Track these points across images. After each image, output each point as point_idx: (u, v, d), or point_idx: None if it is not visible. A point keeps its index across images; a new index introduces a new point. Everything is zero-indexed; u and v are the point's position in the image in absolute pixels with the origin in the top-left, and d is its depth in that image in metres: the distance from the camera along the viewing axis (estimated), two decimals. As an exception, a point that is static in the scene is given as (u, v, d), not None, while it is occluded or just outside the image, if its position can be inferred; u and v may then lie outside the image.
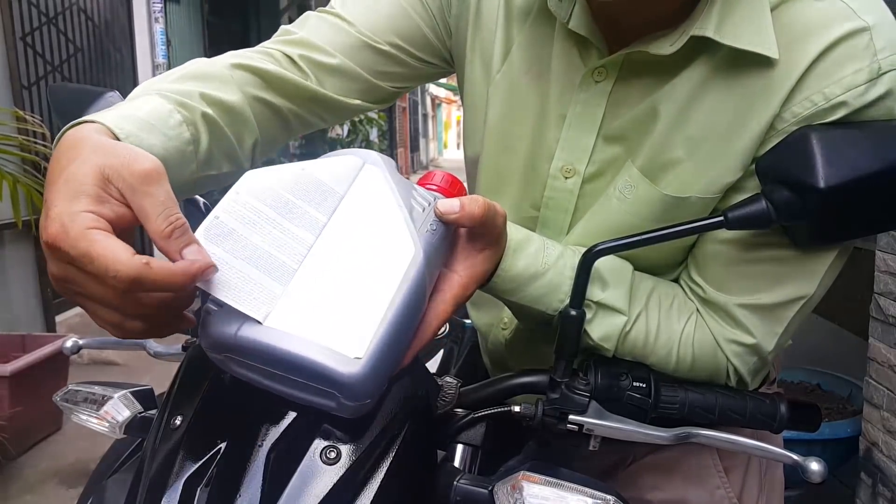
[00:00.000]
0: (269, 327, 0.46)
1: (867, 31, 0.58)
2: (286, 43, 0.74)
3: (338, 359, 0.46)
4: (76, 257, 0.43)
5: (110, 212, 0.45)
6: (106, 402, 0.73)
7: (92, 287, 0.44)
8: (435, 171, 0.63)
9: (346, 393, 0.47)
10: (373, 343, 0.47)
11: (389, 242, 0.52)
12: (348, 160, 0.56)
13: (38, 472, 2.54)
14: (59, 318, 3.80)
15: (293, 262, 0.49)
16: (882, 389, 1.86)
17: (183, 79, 0.65)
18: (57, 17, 3.98)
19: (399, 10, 0.75)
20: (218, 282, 0.45)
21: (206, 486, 0.48)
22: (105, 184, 0.45)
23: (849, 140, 0.58)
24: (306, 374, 0.46)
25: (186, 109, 0.60)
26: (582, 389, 0.64)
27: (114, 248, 0.43)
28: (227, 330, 0.46)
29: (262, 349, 0.46)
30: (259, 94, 0.70)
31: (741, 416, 0.65)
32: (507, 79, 0.74)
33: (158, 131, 0.56)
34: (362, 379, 0.46)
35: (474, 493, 0.57)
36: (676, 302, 0.69)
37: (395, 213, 0.54)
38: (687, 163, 0.65)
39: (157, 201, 0.45)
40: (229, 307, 0.46)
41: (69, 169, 0.46)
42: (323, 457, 0.50)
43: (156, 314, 0.47)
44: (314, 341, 0.46)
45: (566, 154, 0.71)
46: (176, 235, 0.45)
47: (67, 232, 0.43)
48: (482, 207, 0.56)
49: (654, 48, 0.62)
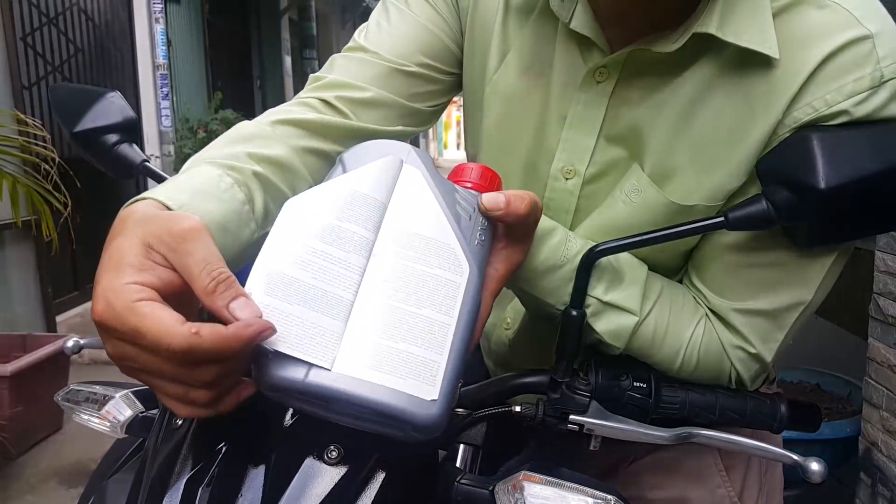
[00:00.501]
0: (338, 373, 0.44)
1: (870, 39, 0.58)
2: (319, 89, 0.74)
3: (414, 403, 0.45)
4: (127, 333, 0.42)
5: (156, 279, 0.44)
6: (107, 401, 0.73)
7: (150, 361, 0.43)
8: (466, 164, 0.61)
9: (423, 432, 0.46)
10: (444, 381, 0.46)
11: (443, 261, 0.50)
12: (386, 163, 0.53)
13: (38, 472, 2.54)
14: (60, 318, 3.80)
15: (348, 293, 0.47)
16: (881, 389, 1.86)
17: (228, 143, 0.65)
18: (57, 17, 3.99)
19: (419, 29, 0.76)
20: (276, 335, 0.43)
21: (207, 487, 0.48)
22: (148, 251, 0.44)
23: (849, 141, 0.58)
24: (381, 418, 0.45)
25: (236, 171, 0.60)
26: (583, 389, 0.64)
27: (162, 319, 0.41)
28: (292, 375, 0.44)
29: (333, 396, 0.44)
30: (304, 144, 0.69)
31: (741, 416, 0.65)
32: (506, 79, 0.73)
33: (212, 196, 0.55)
34: (439, 419, 0.46)
35: (475, 492, 0.57)
36: (687, 304, 0.69)
37: (444, 225, 0.52)
38: (690, 169, 0.65)
39: (199, 258, 0.44)
40: None
41: (112, 245, 0.45)
42: (324, 457, 0.50)
43: (218, 381, 0.44)
44: (387, 386, 0.45)
45: (567, 155, 0.71)
46: (220, 290, 0.43)
47: (113, 308, 0.42)
48: (528, 206, 0.55)
49: (656, 46, 0.62)
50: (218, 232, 0.52)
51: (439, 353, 0.47)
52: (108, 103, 0.83)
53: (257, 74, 7.42)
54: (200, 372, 0.43)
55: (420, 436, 0.46)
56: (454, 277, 0.50)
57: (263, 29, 7.52)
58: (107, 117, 0.82)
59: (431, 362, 0.46)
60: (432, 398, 0.45)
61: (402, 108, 0.75)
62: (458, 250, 0.51)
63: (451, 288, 0.49)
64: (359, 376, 0.44)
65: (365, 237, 0.49)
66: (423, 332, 0.47)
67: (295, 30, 8.57)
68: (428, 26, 0.76)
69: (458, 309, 0.49)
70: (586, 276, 0.62)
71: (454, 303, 0.49)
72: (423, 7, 0.76)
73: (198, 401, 0.44)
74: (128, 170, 0.82)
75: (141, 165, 0.81)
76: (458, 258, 0.51)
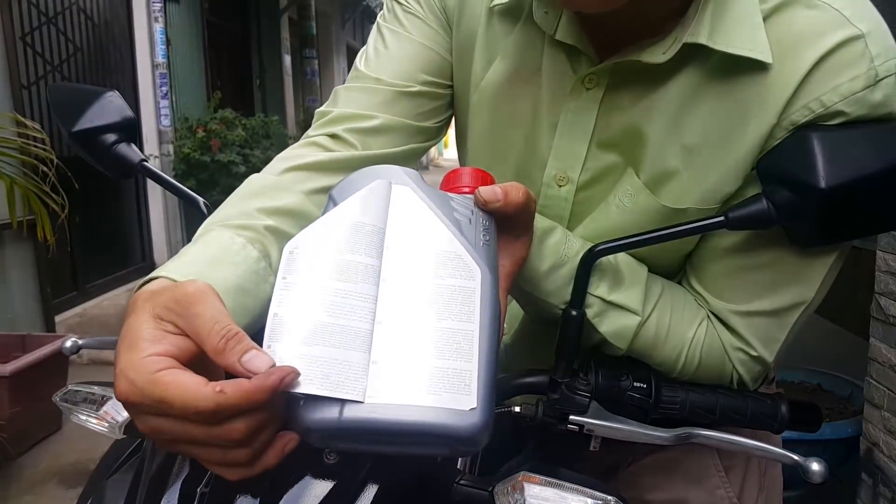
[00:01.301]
0: (372, 403, 0.44)
1: (862, 39, 0.58)
2: (326, 124, 0.74)
3: (454, 416, 0.44)
4: (154, 405, 0.42)
5: (173, 347, 0.44)
6: (105, 402, 0.73)
7: (181, 429, 0.43)
8: (458, 169, 0.61)
9: (469, 444, 0.45)
10: (480, 387, 0.45)
11: (453, 270, 0.50)
12: (374, 188, 0.53)
13: (37, 472, 2.54)
14: (59, 318, 3.80)
15: (365, 323, 0.46)
16: (883, 389, 1.86)
17: (239, 200, 0.65)
18: (57, 16, 3.99)
19: (417, 48, 0.76)
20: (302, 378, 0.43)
21: (205, 487, 0.48)
22: (159, 323, 0.45)
23: (850, 140, 0.58)
24: (425, 439, 0.44)
25: (248, 230, 0.60)
26: (582, 390, 0.64)
27: (185, 384, 0.42)
28: (326, 416, 0.43)
29: (373, 428, 0.43)
30: (314, 186, 0.69)
31: (742, 416, 0.65)
32: (493, 87, 0.73)
33: (225, 262, 0.56)
34: (483, 426, 0.45)
35: (474, 493, 0.57)
36: (688, 305, 0.69)
37: (446, 234, 0.51)
38: (684, 173, 0.65)
39: (205, 319, 0.44)
40: None
41: (125, 326, 0.45)
42: (323, 458, 0.50)
43: (252, 436, 0.44)
44: (423, 404, 0.44)
45: (559, 162, 0.71)
46: (231, 346, 0.43)
47: (135, 383, 0.42)
48: (524, 194, 0.55)
49: (646, 56, 0.62)
50: (237, 295, 0.53)
51: (469, 360, 0.46)
52: (106, 103, 0.83)
53: (257, 74, 7.42)
54: (230, 430, 0.42)
55: (467, 448, 0.45)
56: (467, 283, 0.49)
57: (263, 29, 7.52)
58: (105, 117, 0.82)
59: (463, 372, 0.45)
60: (471, 407, 0.44)
61: (410, 128, 0.76)
62: (466, 256, 0.51)
63: (466, 294, 0.49)
64: (393, 402, 0.44)
65: (370, 265, 0.48)
66: (449, 344, 0.46)
67: (295, 29, 8.57)
68: (424, 44, 0.76)
69: (478, 313, 0.48)
70: (586, 276, 0.62)
71: (473, 308, 0.48)
72: (416, 25, 0.76)
73: (239, 461, 0.44)
74: (126, 169, 0.82)
75: (139, 165, 0.81)
76: (466, 264, 0.50)
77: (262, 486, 0.48)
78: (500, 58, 0.72)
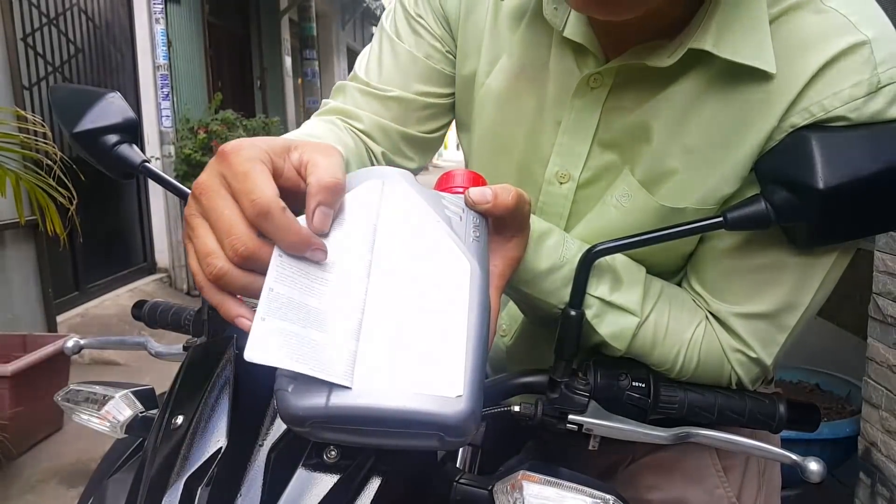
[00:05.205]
0: (359, 389, 0.44)
1: (867, 45, 0.58)
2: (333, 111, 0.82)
3: (440, 402, 0.44)
4: (234, 173, 0.45)
5: (281, 166, 0.48)
6: (107, 401, 0.73)
7: (223, 205, 0.45)
8: (452, 170, 0.61)
9: (455, 432, 0.45)
10: (467, 375, 0.46)
11: (442, 264, 0.50)
12: (368, 186, 0.53)
13: (38, 472, 2.54)
14: (60, 318, 3.81)
15: (356, 311, 0.47)
16: (881, 389, 1.86)
17: None
18: (58, 17, 3.99)
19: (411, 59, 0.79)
20: (291, 355, 0.43)
21: (206, 486, 0.49)
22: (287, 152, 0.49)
23: (848, 141, 0.58)
24: (411, 425, 0.45)
25: None
26: (581, 389, 0.64)
27: (268, 181, 0.45)
28: (313, 402, 0.43)
29: (360, 413, 0.44)
30: None
31: (740, 415, 0.65)
32: (498, 83, 0.73)
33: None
34: (469, 414, 0.45)
35: (474, 492, 0.57)
36: (686, 305, 0.69)
37: (436, 229, 0.52)
38: (683, 173, 0.65)
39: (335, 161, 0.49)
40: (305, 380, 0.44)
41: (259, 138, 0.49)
42: (323, 456, 0.50)
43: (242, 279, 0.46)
44: (410, 391, 0.44)
45: (561, 160, 0.71)
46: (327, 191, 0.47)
47: (241, 152, 0.46)
48: (515, 197, 0.55)
49: (651, 60, 0.62)
50: None
51: (456, 350, 0.47)
52: (107, 104, 0.83)
53: (257, 75, 7.42)
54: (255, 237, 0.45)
55: (454, 438, 0.45)
56: (456, 275, 0.50)
57: (263, 29, 7.52)
58: (107, 118, 0.82)
59: (450, 361, 0.46)
60: (458, 394, 0.45)
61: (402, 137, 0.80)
62: (455, 249, 0.51)
63: (454, 286, 0.49)
64: (380, 389, 0.44)
65: (361, 256, 0.49)
66: (436, 334, 0.47)
67: (295, 30, 8.57)
68: (418, 56, 0.78)
69: (466, 304, 0.49)
70: (585, 277, 0.62)
71: (461, 299, 0.49)
72: (410, 35, 0.78)
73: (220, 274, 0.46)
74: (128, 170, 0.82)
75: (141, 166, 0.81)
76: (455, 256, 0.51)
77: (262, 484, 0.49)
78: (507, 55, 0.73)
